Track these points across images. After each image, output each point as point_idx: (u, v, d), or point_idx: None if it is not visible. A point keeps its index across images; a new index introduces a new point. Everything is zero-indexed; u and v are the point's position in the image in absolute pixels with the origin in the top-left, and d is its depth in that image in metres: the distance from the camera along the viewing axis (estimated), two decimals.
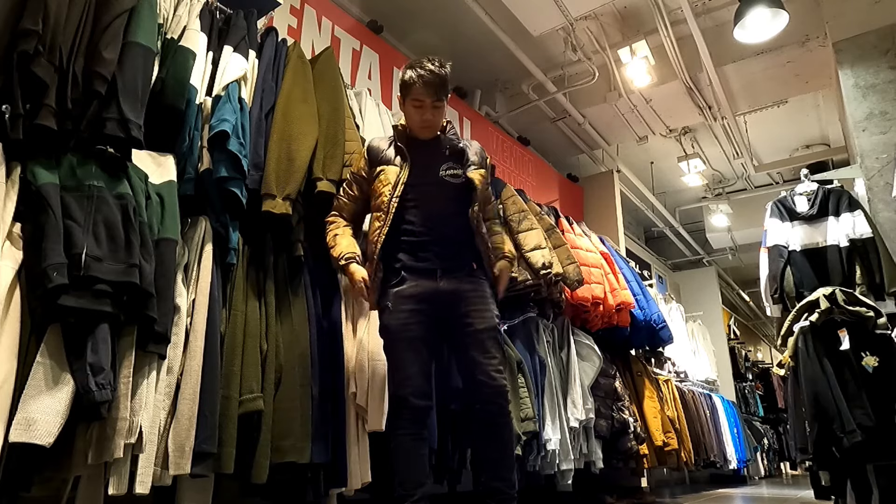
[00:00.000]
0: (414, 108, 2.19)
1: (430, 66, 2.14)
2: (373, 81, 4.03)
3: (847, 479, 3.11)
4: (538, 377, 3.33)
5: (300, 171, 2.20)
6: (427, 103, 2.16)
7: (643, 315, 4.52)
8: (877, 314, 2.95)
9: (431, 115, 2.19)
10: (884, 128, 3.83)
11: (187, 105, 1.98)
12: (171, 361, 1.77)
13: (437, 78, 2.14)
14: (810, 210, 3.55)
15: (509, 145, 5.44)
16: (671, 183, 7.80)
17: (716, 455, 6.00)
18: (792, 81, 5.31)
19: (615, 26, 5.07)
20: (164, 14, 2.08)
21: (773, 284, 3.48)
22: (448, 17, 4.64)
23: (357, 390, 2.35)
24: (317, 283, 2.39)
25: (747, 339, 12.02)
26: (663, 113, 5.82)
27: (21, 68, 1.54)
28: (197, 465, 1.76)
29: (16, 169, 1.57)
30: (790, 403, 3.23)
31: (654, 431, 4.48)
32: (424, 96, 2.15)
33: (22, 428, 1.40)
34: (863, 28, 4.09)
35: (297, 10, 3.60)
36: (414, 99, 2.17)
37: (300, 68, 2.42)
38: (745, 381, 9.32)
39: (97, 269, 1.54)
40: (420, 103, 2.17)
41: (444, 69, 2.16)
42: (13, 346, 1.44)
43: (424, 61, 2.16)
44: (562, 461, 3.34)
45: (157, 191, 1.83)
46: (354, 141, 2.40)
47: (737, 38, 4.30)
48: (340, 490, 2.24)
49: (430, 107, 2.17)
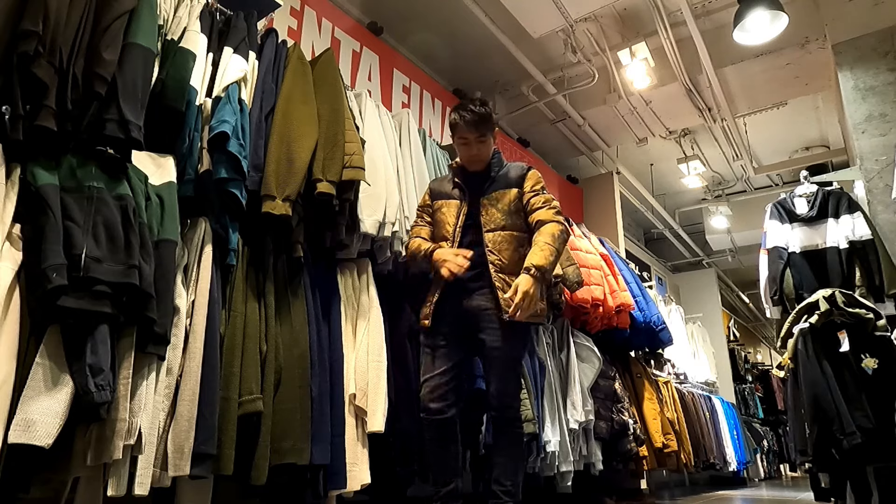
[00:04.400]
0: (461, 145, 2.44)
1: (471, 107, 2.39)
2: (373, 83, 4.03)
3: (847, 481, 3.11)
4: (538, 379, 3.33)
5: (300, 172, 2.20)
6: (471, 139, 2.40)
7: (643, 317, 4.52)
8: (876, 316, 2.95)
9: (477, 150, 2.42)
10: (883, 130, 3.83)
11: (187, 106, 1.97)
12: (170, 362, 1.77)
13: (477, 117, 2.37)
14: (810, 212, 3.55)
15: (509, 147, 5.44)
16: (671, 184, 7.80)
17: (715, 457, 5.99)
18: (791, 83, 5.32)
19: (615, 28, 5.07)
20: (164, 15, 2.08)
21: (773, 286, 3.48)
22: (448, 19, 4.64)
23: (357, 391, 2.35)
24: (316, 285, 2.39)
25: (747, 341, 12.02)
26: (663, 115, 5.82)
27: (21, 69, 1.54)
28: (196, 467, 1.76)
29: (16, 170, 1.57)
30: (790, 405, 3.23)
31: (654, 433, 4.48)
32: (468, 134, 2.39)
33: (21, 429, 1.40)
34: (862, 30, 4.10)
35: (298, 12, 3.60)
36: (459, 137, 2.43)
37: (300, 70, 2.42)
38: (744, 382, 9.32)
39: (97, 271, 1.53)
40: (465, 140, 2.41)
41: (485, 108, 2.40)
42: (12, 347, 1.44)
43: (467, 103, 2.42)
44: (561, 463, 3.34)
45: (156, 192, 1.83)
46: (354, 142, 2.40)
47: (736, 39, 4.30)
48: (340, 491, 2.24)
49: (474, 142, 2.40)
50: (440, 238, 2.43)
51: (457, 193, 2.46)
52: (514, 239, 2.34)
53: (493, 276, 2.27)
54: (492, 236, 2.32)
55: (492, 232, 2.33)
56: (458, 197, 2.45)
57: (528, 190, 2.39)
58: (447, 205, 2.45)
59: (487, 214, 2.36)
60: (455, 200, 2.44)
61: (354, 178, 2.34)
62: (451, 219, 2.40)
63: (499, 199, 2.38)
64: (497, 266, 2.28)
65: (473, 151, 2.42)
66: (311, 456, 2.07)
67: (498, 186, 2.41)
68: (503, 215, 2.35)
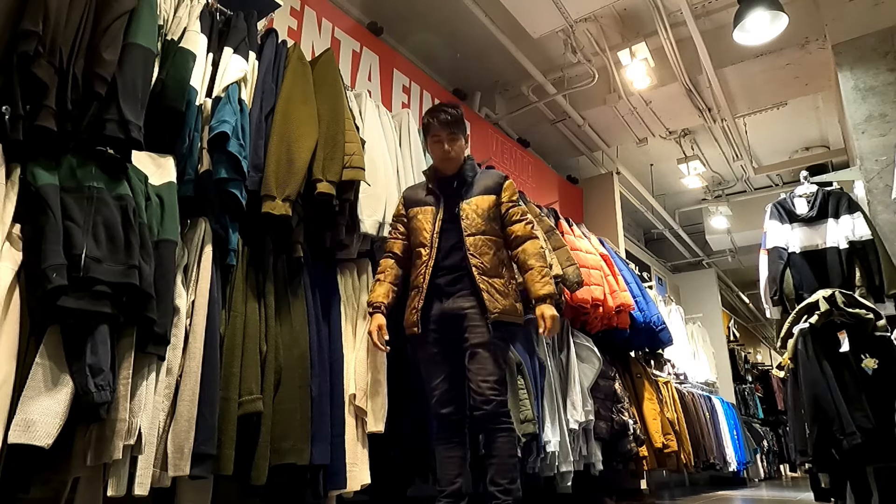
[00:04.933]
0: (433, 144, 2.51)
1: (443, 108, 2.53)
2: (373, 83, 4.03)
3: (847, 481, 3.11)
4: (538, 379, 3.33)
5: (300, 172, 2.20)
6: (443, 136, 2.47)
7: (643, 317, 4.52)
8: (876, 316, 2.95)
9: (449, 147, 2.47)
10: (883, 130, 3.83)
11: (187, 106, 1.97)
12: (170, 363, 1.77)
13: (449, 116, 2.49)
14: (810, 212, 3.55)
15: (509, 147, 5.44)
16: (671, 185, 7.80)
17: (715, 457, 5.99)
18: (791, 83, 5.32)
19: (615, 28, 5.07)
20: (164, 15, 2.08)
21: (773, 286, 3.48)
22: (448, 19, 4.64)
23: (357, 391, 2.35)
24: (316, 285, 2.39)
25: (747, 341, 12.02)
26: (663, 115, 5.82)
27: (21, 69, 1.54)
28: (196, 467, 1.76)
29: (16, 170, 1.57)
30: (790, 405, 3.23)
31: (654, 433, 4.47)
32: (440, 131, 2.47)
33: (21, 429, 1.40)
34: (862, 30, 4.10)
35: (298, 12, 3.60)
36: (432, 136, 2.51)
37: (300, 70, 2.42)
38: (744, 383, 9.32)
39: (97, 271, 1.54)
40: (437, 138, 2.48)
41: (457, 111, 2.52)
42: (12, 348, 1.44)
43: (439, 106, 2.57)
44: (561, 463, 3.34)
45: (156, 192, 1.83)
46: (354, 143, 2.40)
47: (736, 40, 4.30)
48: (340, 492, 2.24)
49: (446, 139, 2.47)
50: (417, 245, 2.45)
51: (431, 200, 2.49)
52: (493, 243, 2.40)
53: (477, 279, 2.32)
54: (473, 240, 2.36)
55: (472, 236, 2.37)
56: (432, 203, 2.48)
57: (506, 200, 2.47)
58: (422, 211, 2.48)
59: (468, 219, 2.39)
60: (430, 207, 2.47)
61: (354, 178, 2.34)
62: (428, 225, 2.43)
63: (478, 204, 2.42)
64: (480, 269, 2.33)
65: (445, 147, 2.46)
66: (311, 456, 2.07)
67: (475, 192, 2.46)
68: (483, 220, 2.40)
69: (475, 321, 2.31)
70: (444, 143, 2.47)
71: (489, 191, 2.46)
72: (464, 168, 2.51)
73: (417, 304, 2.38)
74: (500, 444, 2.25)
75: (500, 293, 2.32)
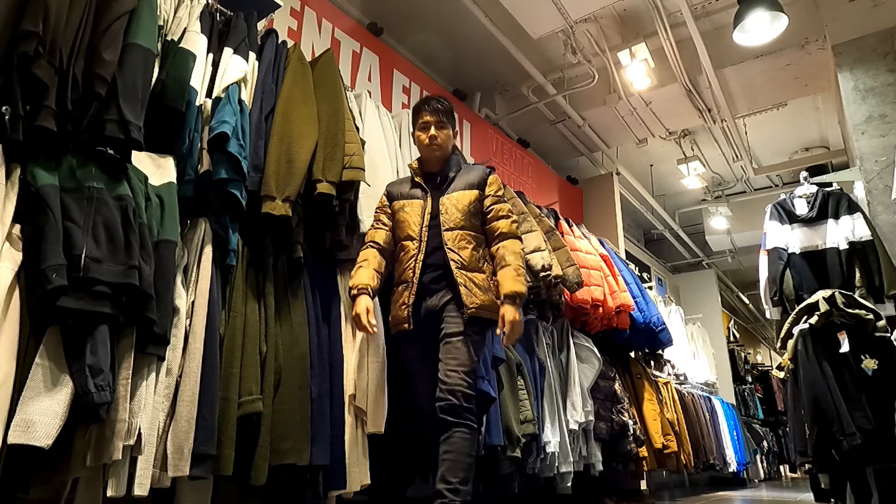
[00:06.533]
0: (420, 129, 2.47)
1: (433, 99, 2.51)
2: (373, 83, 4.03)
3: (847, 481, 3.11)
4: (538, 379, 3.33)
5: (300, 172, 2.20)
6: (431, 122, 2.43)
7: (643, 317, 4.52)
8: (876, 317, 2.95)
9: (436, 134, 2.43)
10: (883, 130, 3.84)
11: (187, 107, 1.97)
12: (170, 363, 1.77)
13: (440, 105, 2.46)
14: (810, 213, 3.55)
15: (509, 147, 5.44)
16: (670, 185, 7.81)
17: (715, 458, 5.99)
18: (791, 84, 5.32)
19: (615, 29, 5.07)
20: (164, 16, 2.08)
21: (773, 287, 3.48)
22: (448, 20, 4.65)
23: (356, 392, 2.34)
24: (316, 285, 2.39)
25: (747, 342, 12.02)
26: (663, 115, 5.83)
27: (21, 70, 1.54)
28: (196, 467, 1.76)
29: (16, 170, 1.57)
30: (790, 406, 3.23)
31: (654, 434, 4.47)
32: (429, 116, 2.44)
33: (21, 429, 1.40)
34: (862, 31, 4.10)
35: (298, 13, 3.60)
36: (421, 121, 2.46)
37: (300, 70, 2.42)
38: (744, 383, 9.31)
39: (96, 271, 1.54)
40: (425, 123, 2.45)
41: (447, 104, 2.50)
42: (12, 348, 1.44)
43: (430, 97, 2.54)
44: (561, 463, 3.34)
45: (156, 192, 1.83)
46: (354, 143, 2.40)
47: (736, 40, 4.30)
48: (340, 492, 2.24)
49: (433, 125, 2.43)
50: (403, 238, 2.38)
51: (418, 193, 2.43)
52: (472, 238, 2.33)
53: (455, 273, 2.26)
54: (450, 235, 2.31)
55: (450, 231, 2.32)
56: (420, 196, 2.42)
57: (490, 194, 2.40)
58: (410, 204, 2.41)
59: (447, 213, 2.35)
60: (418, 200, 2.41)
61: (354, 178, 2.34)
62: (416, 218, 2.37)
63: (459, 199, 2.37)
64: (458, 263, 2.27)
65: (432, 132, 2.41)
66: (311, 456, 2.07)
67: (458, 187, 2.40)
68: (462, 215, 2.34)
69: (451, 313, 2.25)
70: (431, 127, 2.42)
71: (472, 186, 2.39)
72: (449, 162, 2.46)
73: (408, 300, 2.30)
74: (457, 440, 2.09)
75: (479, 288, 2.25)
